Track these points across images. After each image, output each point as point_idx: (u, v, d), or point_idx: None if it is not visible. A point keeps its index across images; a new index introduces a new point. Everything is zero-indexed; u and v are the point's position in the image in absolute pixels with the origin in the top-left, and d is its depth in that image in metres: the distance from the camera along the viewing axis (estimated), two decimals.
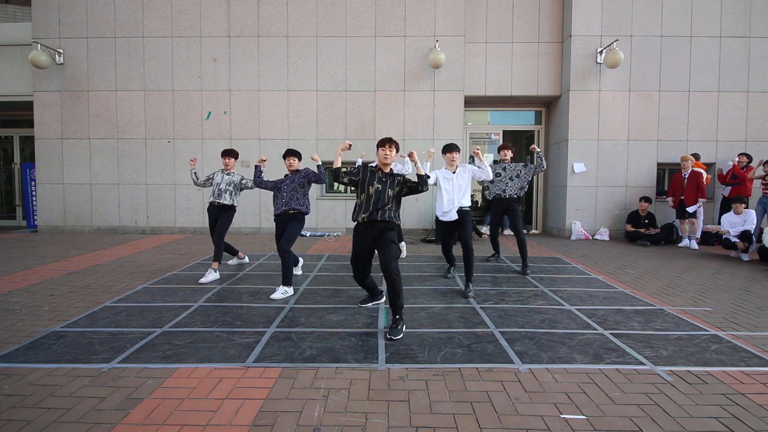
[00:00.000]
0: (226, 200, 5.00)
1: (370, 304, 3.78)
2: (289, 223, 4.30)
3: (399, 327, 3.05)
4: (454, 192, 4.39)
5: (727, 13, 8.04)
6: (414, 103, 8.38)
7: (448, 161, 4.46)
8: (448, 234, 4.74)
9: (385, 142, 3.34)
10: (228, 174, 5.10)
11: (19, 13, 10.03)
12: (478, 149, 4.30)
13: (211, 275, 4.66)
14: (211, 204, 5.05)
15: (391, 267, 3.11)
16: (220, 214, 5.00)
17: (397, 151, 3.40)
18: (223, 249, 4.93)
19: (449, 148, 4.42)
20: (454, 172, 4.43)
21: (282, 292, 4.05)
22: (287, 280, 4.10)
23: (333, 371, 2.49)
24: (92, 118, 8.46)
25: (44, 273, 4.98)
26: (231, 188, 5.04)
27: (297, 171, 4.44)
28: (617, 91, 8.18)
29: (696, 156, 7.76)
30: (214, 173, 5.20)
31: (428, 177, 3.71)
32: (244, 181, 5.14)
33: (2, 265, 5.39)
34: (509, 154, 5.55)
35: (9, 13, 10.04)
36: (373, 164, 3.49)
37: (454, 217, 4.38)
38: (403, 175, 3.43)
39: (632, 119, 8.19)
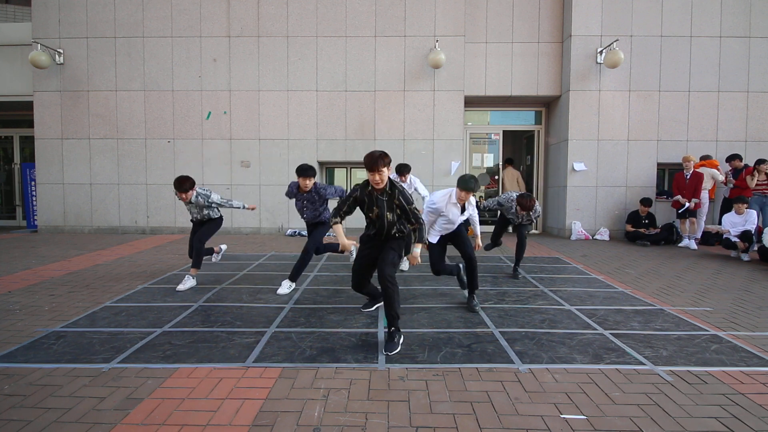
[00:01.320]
0: (212, 216, 4.68)
1: (373, 307, 3.68)
2: (316, 226, 4.42)
3: (395, 340, 2.77)
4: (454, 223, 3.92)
5: (727, 13, 8.04)
6: (414, 103, 8.38)
7: (459, 198, 3.72)
8: (443, 250, 4.06)
9: (373, 168, 2.82)
10: (189, 202, 4.50)
11: (19, 13, 10.03)
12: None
13: (189, 282, 4.34)
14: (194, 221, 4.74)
15: (386, 272, 2.86)
16: (204, 224, 4.69)
17: (388, 166, 2.88)
18: (203, 255, 4.59)
19: (468, 188, 3.64)
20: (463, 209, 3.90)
21: (288, 286, 4.20)
22: (294, 275, 4.24)
23: (333, 371, 2.49)
24: (92, 118, 8.46)
25: (44, 273, 4.98)
26: (205, 211, 4.61)
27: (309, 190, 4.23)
28: (617, 91, 8.17)
29: (707, 157, 7.72)
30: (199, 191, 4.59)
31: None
32: (211, 199, 4.54)
33: (2, 265, 5.39)
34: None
35: (9, 13, 10.04)
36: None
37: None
38: (403, 197, 2.95)
39: (632, 119, 8.19)
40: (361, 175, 9.01)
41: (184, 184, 4.30)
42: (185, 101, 8.43)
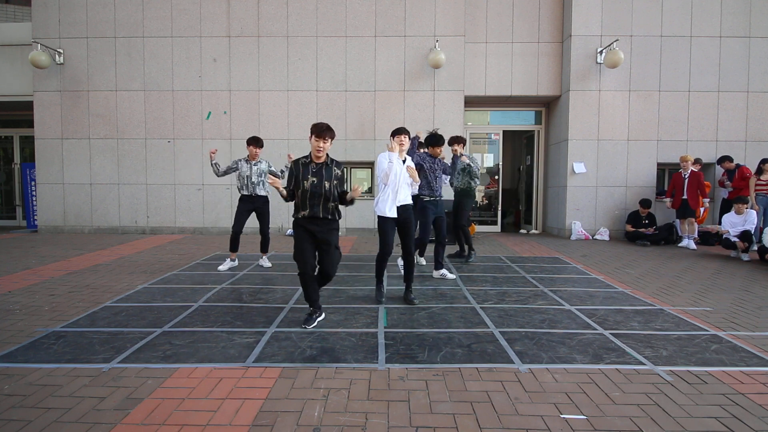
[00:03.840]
0: (261, 192, 5.08)
1: (315, 323, 3.25)
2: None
3: (314, 317, 3.24)
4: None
5: (727, 13, 8.04)
6: (414, 103, 8.38)
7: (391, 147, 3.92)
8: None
9: (321, 134, 3.14)
10: (255, 164, 5.07)
11: (19, 13, 10.04)
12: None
13: (266, 262, 5.25)
14: (245, 197, 5.08)
15: (332, 274, 3.33)
16: (255, 207, 5.08)
17: (331, 140, 3.21)
18: (269, 240, 5.27)
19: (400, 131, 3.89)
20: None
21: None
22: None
23: (333, 371, 2.49)
24: (92, 118, 8.46)
25: (44, 273, 4.98)
26: (263, 178, 5.07)
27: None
28: (617, 91, 8.17)
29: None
30: (237, 162, 5.13)
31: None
32: (272, 169, 5.15)
33: (2, 265, 5.39)
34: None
35: (9, 13, 10.05)
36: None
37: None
38: (338, 169, 3.25)
39: (632, 119, 8.19)
40: (361, 175, 9.01)
41: (260, 141, 5.03)
42: (185, 101, 8.43)
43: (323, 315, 3.36)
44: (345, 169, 3.34)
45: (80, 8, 8.34)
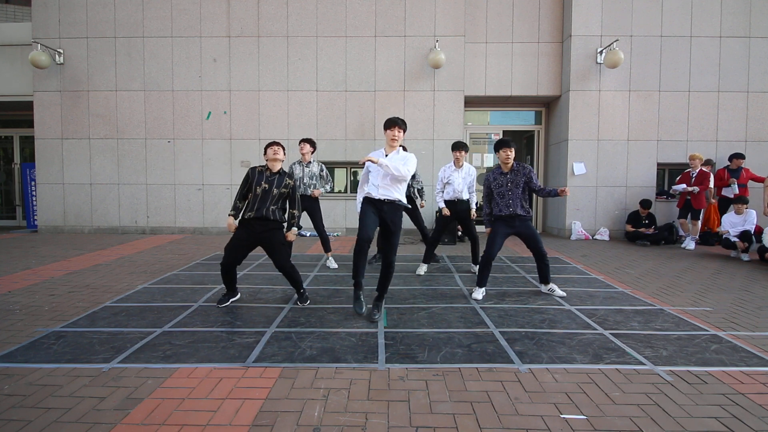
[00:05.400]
0: (308, 192, 5.12)
1: (228, 302, 3.75)
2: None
3: (305, 296, 3.76)
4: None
5: (727, 13, 8.04)
6: (414, 103, 8.38)
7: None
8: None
9: (273, 144, 3.63)
10: (307, 165, 5.11)
11: (19, 13, 10.03)
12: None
13: (332, 263, 5.35)
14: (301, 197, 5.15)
15: (286, 265, 3.66)
16: (305, 207, 5.12)
17: (283, 150, 3.68)
18: (328, 238, 5.31)
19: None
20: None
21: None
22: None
23: (333, 371, 2.49)
24: (92, 118, 8.46)
25: (44, 273, 4.98)
26: (314, 181, 5.12)
27: None
28: (617, 91, 8.18)
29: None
30: (291, 167, 5.18)
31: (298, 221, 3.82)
32: (324, 172, 5.19)
33: (2, 265, 5.39)
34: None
35: (9, 13, 10.04)
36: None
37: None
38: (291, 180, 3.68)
39: (632, 119, 8.19)
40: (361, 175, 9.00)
41: (311, 141, 5.08)
42: (185, 101, 8.43)
43: (238, 295, 3.89)
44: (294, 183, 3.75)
45: (80, 8, 8.34)
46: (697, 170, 7.26)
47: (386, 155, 3.50)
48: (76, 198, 8.56)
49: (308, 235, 8.38)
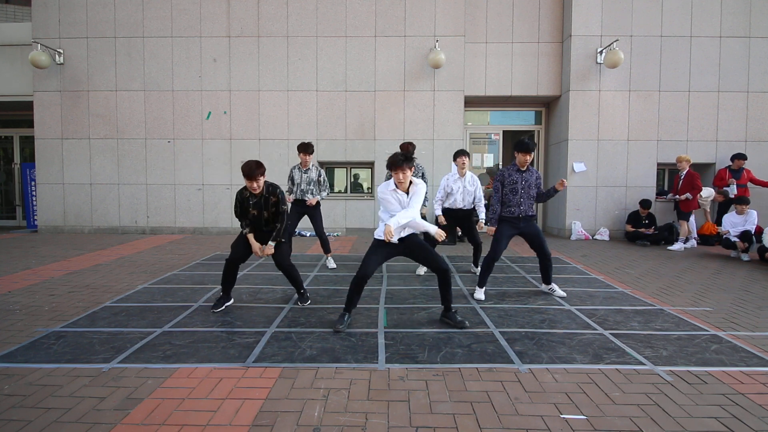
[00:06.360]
0: (307, 198, 5.15)
1: (222, 307, 3.63)
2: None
3: (306, 296, 3.82)
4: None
5: (727, 13, 8.04)
6: (414, 103, 8.38)
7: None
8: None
9: (251, 176, 3.47)
10: (306, 171, 5.15)
11: (19, 13, 10.03)
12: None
13: (331, 263, 5.36)
14: (296, 200, 5.18)
15: (285, 263, 3.71)
16: (305, 210, 5.15)
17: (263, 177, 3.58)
18: (327, 240, 5.33)
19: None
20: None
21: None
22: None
23: (333, 371, 2.49)
24: (92, 118, 8.46)
25: (44, 273, 4.98)
26: (312, 187, 5.15)
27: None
28: (617, 91, 8.18)
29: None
30: (291, 171, 5.22)
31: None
32: (322, 178, 5.21)
33: (2, 265, 5.39)
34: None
35: (9, 13, 10.04)
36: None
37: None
38: (278, 198, 3.67)
39: (632, 119, 8.19)
40: (361, 175, 9.01)
41: (309, 147, 5.04)
42: (185, 101, 8.43)
43: (232, 300, 3.82)
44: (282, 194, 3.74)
45: (80, 8, 8.34)
46: (685, 171, 7.28)
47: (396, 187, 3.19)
48: (76, 198, 8.56)
49: (308, 235, 8.38)
